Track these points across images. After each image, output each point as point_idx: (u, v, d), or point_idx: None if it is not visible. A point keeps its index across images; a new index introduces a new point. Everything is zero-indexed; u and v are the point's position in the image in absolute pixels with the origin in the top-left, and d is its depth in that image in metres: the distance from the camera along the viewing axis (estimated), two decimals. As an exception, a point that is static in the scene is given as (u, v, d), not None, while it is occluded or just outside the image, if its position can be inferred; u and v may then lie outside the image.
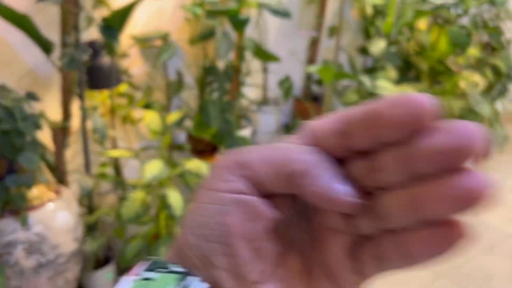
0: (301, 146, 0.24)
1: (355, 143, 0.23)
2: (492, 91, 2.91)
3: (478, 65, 2.75)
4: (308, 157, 0.23)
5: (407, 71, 2.63)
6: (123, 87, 2.00)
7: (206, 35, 1.84)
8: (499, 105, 2.98)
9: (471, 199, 0.21)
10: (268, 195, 0.24)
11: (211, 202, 0.23)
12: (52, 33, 1.77)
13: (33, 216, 1.52)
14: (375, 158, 0.23)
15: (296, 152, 0.24)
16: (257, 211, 0.23)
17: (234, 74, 2.12)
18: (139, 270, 0.24)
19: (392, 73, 2.29)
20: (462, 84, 2.50)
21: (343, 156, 0.24)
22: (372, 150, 0.22)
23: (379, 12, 2.49)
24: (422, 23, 2.55)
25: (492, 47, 2.89)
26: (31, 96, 1.48)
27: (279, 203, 0.25)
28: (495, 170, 3.15)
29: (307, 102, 2.40)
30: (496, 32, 2.82)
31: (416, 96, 0.20)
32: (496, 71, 2.81)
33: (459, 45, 2.55)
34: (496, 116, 2.82)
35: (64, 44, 1.54)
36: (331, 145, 0.24)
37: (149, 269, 0.24)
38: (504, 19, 2.79)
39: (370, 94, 2.15)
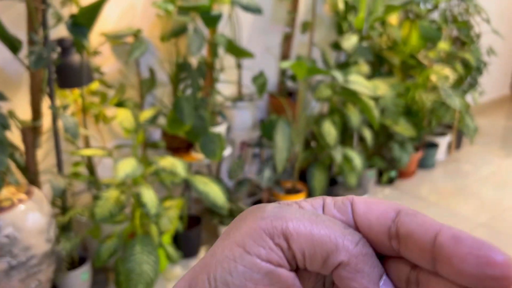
0: (349, 230, 0.22)
1: (408, 257, 0.21)
2: (462, 84, 2.97)
3: (448, 59, 2.80)
4: (355, 248, 0.22)
5: (380, 66, 2.67)
6: (95, 85, 1.98)
7: (178, 32, 1.83)
8: (470, 98, 3.04)
9: None
10: (298, 268, 0.23)
11: (245, 265, 0.22)
12: (20, 31, 1.73)
13: (3, 218, 1.48)
14: (424, 274, 0.21)
15: (343, 238, 0.22)
16: (289, 286, 0.22)
17: (208, 71, 2.11)
18: None
19: (365, 67, 2.31)
20: (433, 77, 2.55)
21: (388, 253, 0.22)
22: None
23: (351, 7, 2.51)
24: (394, 18, 2.58)
25: (461, 41, 2.95)
26: (-2, 96, 1.44)
27: (305, 276, 0.24)
28: (466, 161, 3.23)
29: (282, 97, 2.41)
30: (466, 26, 2.87)
31: (500, 256, 0.19)
32: (466, 65, 2.87)
33: (429, 39, 2.59)
34: (467, 108, 2.88)
35: (31, 42, 1.51)
36: (380, 240, 0.22)
37: None
38: (473, 13, 2.85)
39: (342, 89, 2.17)
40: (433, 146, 3.08)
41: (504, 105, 4.51)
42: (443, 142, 3.14)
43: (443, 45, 2.69)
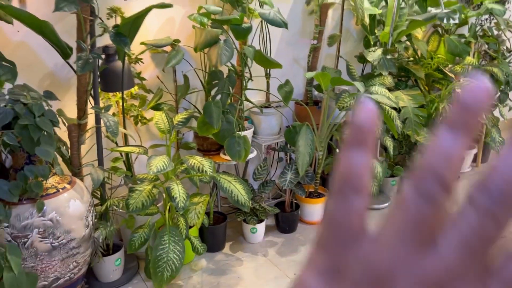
0: None
1: None
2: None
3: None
4: None
5: (405, 78, 2.74)
6: (135, 89, 2.18)
7: (211, 43, 1.99)
8: (498, 112, 3.05)
9: None
10: None
11: None
12: (71, 39, 1.95)
13: (48, 204, 1.68)
14: None
15: None
16: None
17: (238, 79, 2.26)
18: None
19: (388, 79, 2.40)
20: (458, 90, 2.60)
21: None
22: None
23: (378, 21, 2.62)
24: (419, 33, 2.66)
25: (491, 56, 2.97)
26: (49, 95, 1.65)
27: None
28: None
29: (308, 106, 2.53)
30: (495, 41, 2.90)
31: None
32: (495, 79, 2.89)
33: (457, 54, 2.65)
34: (494, 122, 2.90)
35: (79, 49, 1.71)
36: None
37: None
38: (504, 29, 2.88)
39: (364, 99, 2.27)
40: (460, 158, 3.11)
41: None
42: (469, 154, 3.16)
43: (471, 60, 2.74)
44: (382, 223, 0.19)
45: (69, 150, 1.93)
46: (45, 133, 1.59)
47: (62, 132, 2.02)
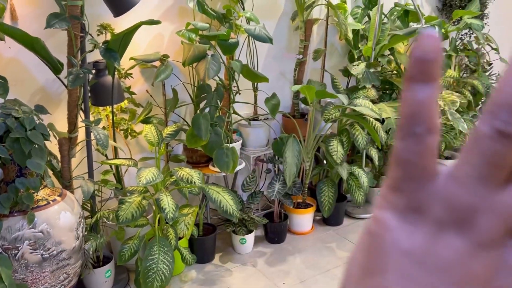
0: None
1: None
2: (472, 110, 3.08)
3: (457, 86, 2.92)
4: None
5: (389, 91, 2.82)
6: (125, 103, 2.23)
7: (198, 58, 2.06)
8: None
9: None
10: None
11: None
12: (62, 55, 2.00)
13: (39, 216, 1.71)
14: None
15: None
16: None
17: (225, 92, 2.32)
18: None
19: (372, 92, 2.48)
20: (440, 102, 2.68)
21: None
22: None
23: (362, 36, 2.70)
24: (401, 47, 2.75)
25: (471, 69, 3.07)
26: (40, 109, 1.69)
27: None
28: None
29: (295, 118, 2.59)
30: (475, 55, 3.00)
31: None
32: (476, 91, 2.98)
33: (438, 66, 2.74)
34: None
35: (70, 65, 1.76)
36: None
37: None
38: (483, 43, 2.98)
39: (349, 111, 2.33)
40: (445, 169, 3.18)
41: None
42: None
43: (452, 72, 2.83)
44: (457, 161, 0.18)
45: (59, 163, 1.96)
46: (36, 146, 1.63)
47: (53, 145, 2.06)
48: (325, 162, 2.66)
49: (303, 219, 2.57)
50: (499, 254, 0.17)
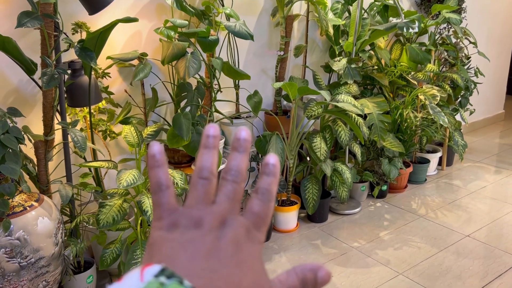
0: None
1: None
2: (453, 103, 3.11)
3: (437, 80, 2.94)
4: None
5: (370, 86, 2.82)
6: (103, 104, 2.16)
7: (178, 55, 2.01)
8: (459, 116, 3.17)
9: None
10: None
11: None
12: (35, 55, 1.93)
13: (15, 222, 1.64)
14: None
15: None
16: None
17: (206, 90, 2.28)
18: (145, 273, 0.27)
19: (354, 87, 2.47)
20: (421, 96, 2.69)
21: None
22: None
23: (342, 32, 2.69)
24: (381, 42, 2.75)
25: (450, 63, 3.09)
26: (13, 112, 1.62)
27: None
28: (456, 177, 3.33)
29: (277, 115, 2.56)
30: (454, 49, 3.02)
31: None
32: (455, 85, 3.01)
33: (418, 61, 2.75)
34: (457, 126, 3.00)
35: (44, 65, 1.70)
36: None
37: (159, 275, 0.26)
38: (461, 37, 3.00)
39: (332, 107, 2.32)
40: (425, 162, 3.20)
41: (498, 124, 4.62)
42: (434, 158, 3.26)
43: (431, 67, 2.84)
44: (188, 196, 0.33)
45: (36, 167, 1.89)
46: (10, 150, 1.57)
47: (28, 149, 1.99)
48: (308, 159, 2.64)
49: (288, 217, 2.55)
50: (218, 233, 0.31)
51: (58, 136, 2.00)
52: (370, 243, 2.46)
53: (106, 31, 1.76)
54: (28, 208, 1.71)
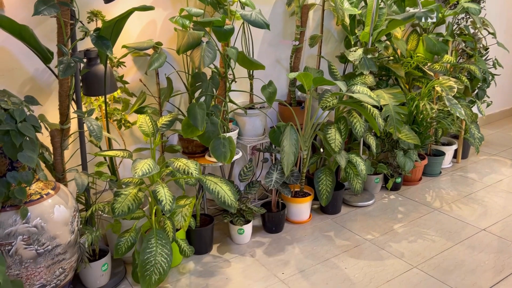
0: None
1: None
2: (470, 96, 3.06)
3: (454, 71, 2.89)
4: None
5: (386, 77, 2.78)
6: (118, 93, 2.16)
7: (193, 45, 2.00)
8: (476, 108, 3.12)
9: None
10: None
11: None
12: (51, 43, 1.93)
13: (32, 210, 1.66)
14: None
15: None
16: None
17: (221, 80, 2.27)
18: None
19: (370, 78, 2.44)
20: (438, 88, 2.65)
21: None
22: None
23: (358, 22, 2.65)
24: (398, 32, 2.70)
25: (468, 54, 3.04)
26: (30, 100, 1.63)
27: None
28: (472, 170, 3.29)
29: (292, 106, 2.55)
30: (472, 39, 2.97)
31: None
32: (473, 77, 2.96)
33: (435, 52, 2.70)
34: (473, 118, 2.96)
35: (60, 54, 1.70)
36: None
37: None
38: (480, 27, 2.95)
39: (347, 98, 2.29)
40: (440, 154, 3.17)
41: (518, 117, 4.55)
42: (449, 151, 3.22)
43: (449, 58, 2.79)
44: None
45: (52, 156, 1.90)
46: (27, 138, 1.57)
47: (44, 137, 2.00)
48: (322, 150, 2.62)
49: (301, 208, 2.54)
50: None
51: (73, 125, 2.01)
52: (384, 235, 2.44)
53: (122, 19, 1.75)
54: (44, 196, 1.72)
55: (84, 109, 2.07)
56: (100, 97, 2.07)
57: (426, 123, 2.73)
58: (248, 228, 2.37)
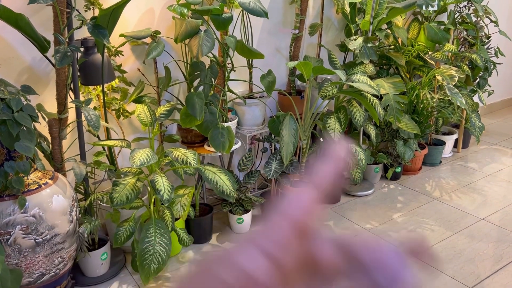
0: None
1: None
2: (471, 84, 3.04)
3: (455, 60, 2.87)
4: None
5: (386, 66, 2.76)
6: (116, 82, 2.15)
7: (191, 33, 1.98)
8: (477, 97, 3.10)
9: None
10: None
11: None
12: (48, 32, 1.92)
13: (30, 200, 1.66)
14: None
15: None
16: None
17: (220, 70, 2.25)
18: None
19: (370, 67, 2.42)
20: (439, 77, 2.63)
21: None
22: None
23: (358, 10, 2.62)
24: (399, 20, 2.68)
25: (470, 42, 3.01)
26: (27, 90, 1.62)
27: None
28: (472, 159, 3.28)
29: (291, 95, 2.53)
30: (473, 28, 2.94)
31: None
32: (474, 65, 2.93)
33: (436, 41, 2.68)
34: (474, 107, 2.94)
35: (57, 42, 1.68)
36: None
37: None
38: (482, 15, 2.92)
39: (347, 87, 2.28)
40: (440, 144, 3.15)
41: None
42: (450, 140, 3.21)
43: (450, 46, 2.77)
44: None
45: (50, 145, 1.90)
46: (24, 128, 1.57)
47: (42, 127, 2.00)
48: (322, 140, 2.61)
49: (300, 198, 2.53)
50: None
51: (71, 115, 2.00)
52: (383, 225, 2.45)
53: (119, 7, 1.74)
54: (43, 185, 1.72)
55: (82, 99, 2.06)
56: (97, 86, 2.06)
57: (426, 112, 2.71)
58: (247, 217, 2.37)
